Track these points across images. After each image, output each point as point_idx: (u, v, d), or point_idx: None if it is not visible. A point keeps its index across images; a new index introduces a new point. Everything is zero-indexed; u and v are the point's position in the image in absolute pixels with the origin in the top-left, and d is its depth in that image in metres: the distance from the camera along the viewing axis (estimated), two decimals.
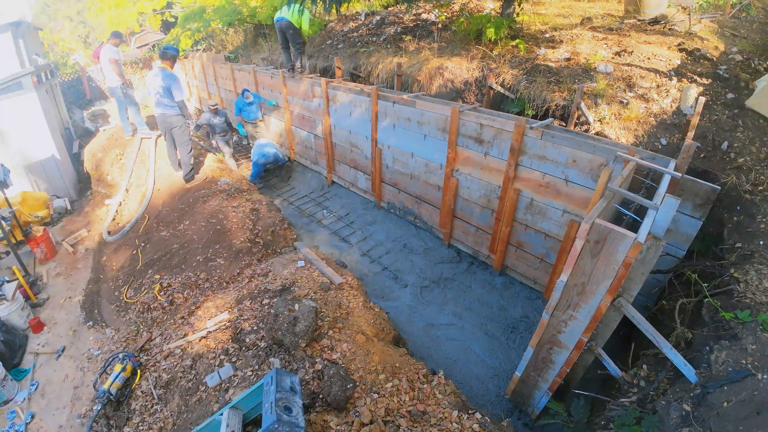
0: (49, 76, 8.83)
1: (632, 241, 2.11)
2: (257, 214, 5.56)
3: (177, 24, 13.45)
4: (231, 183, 6.59)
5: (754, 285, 2.78)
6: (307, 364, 2.94)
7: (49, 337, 4.67)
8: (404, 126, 5.31)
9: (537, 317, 2.90)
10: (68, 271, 5.88)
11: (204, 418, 2.65)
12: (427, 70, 6.68)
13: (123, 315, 4.65)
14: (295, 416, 2.18)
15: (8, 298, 4.68)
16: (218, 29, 13.50)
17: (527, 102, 5.46)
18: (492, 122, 4.23)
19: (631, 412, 2.51)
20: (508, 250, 4.71)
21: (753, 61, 5.59)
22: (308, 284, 3.90)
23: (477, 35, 6.86)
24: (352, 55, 8.46)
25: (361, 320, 3.61)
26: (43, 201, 7.36)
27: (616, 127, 4.73)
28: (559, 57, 5.93)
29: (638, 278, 2.58)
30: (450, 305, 4.59)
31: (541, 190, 4.09)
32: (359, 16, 10.42)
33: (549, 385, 3.04)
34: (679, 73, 5.25)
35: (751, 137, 4.33)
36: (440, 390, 2.96)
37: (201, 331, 3.55)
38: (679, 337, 2.77)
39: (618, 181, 2.77)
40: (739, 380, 2.19)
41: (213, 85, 10.91)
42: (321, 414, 2.56)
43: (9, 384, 3.92)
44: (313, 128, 7.24)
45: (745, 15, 7.44)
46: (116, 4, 13.81)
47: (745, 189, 3.73)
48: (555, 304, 2.61)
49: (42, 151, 7.76)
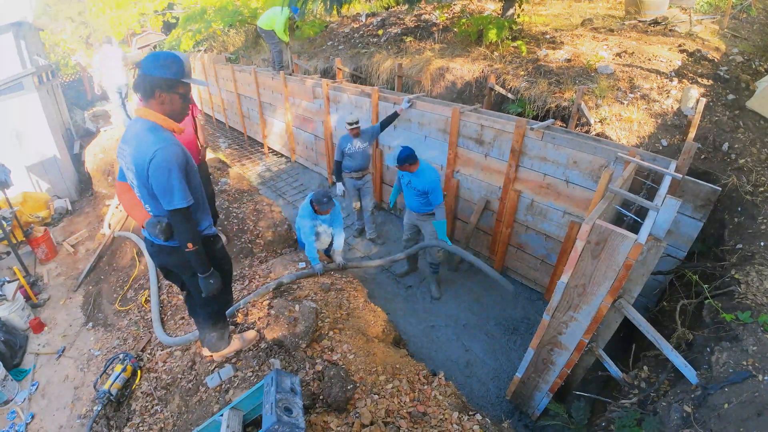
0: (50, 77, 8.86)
1: (633, 243, 2.10)
2: (258, 215, 5.56)
3: (178, 25, 13.46)
4: (232, 184, 6.60)
5: (755, 286, 2.78)
6: (307, 365, 2.94)
7: (49, 337, 4.67)
8: (405, 127, 5.31)
9: (537, 318, 2.90)
10: (69, 271, 5.88)
11: (204, 419, 2.64)
12: (430, 71, 6.69)
13: (124, 316, 4.65)
14: (295, 417, 2.18)
15: (9, 298, 4.68)
16: (219, 30, 13.51)
17: (528, 103, 5.46)
18: (493, 123, 4.23)
19: (632, 413, 2.51)
20: (509, 251, 4.71)
21: (754, 62, 5.60)
22: (309, 285, 3.90)
23: (478, 36, 6.86)
24: (353, 56, 8.47)
25: (362, 321, 3.61)
26: (44, 201, 7.38)
27: (617, 128, 4.73)
28: (559, 58, 5.93)
29: (639, 279, 2.57)
30: (451, 306, 4.59)
31: (542, 192, 4.09)
32: (360, 17, 10.43)
33: (549, 387, 3.03)
34: (679, 74, 5.25)
35: (751, 138, 4.33)
36: (441, 391, 2.96)
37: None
38: (680, 339, 2.77)
39: (619, 183, 2.77)
40: (740, 381, 2.19)
41: (214, 86, 10.92)
42: (321, 415, 2.56)
43: (9, 384, 3.93)
44: (313, 129, 7.25)
45: (745, 16, 7.45)
46: (117, 5, 13.83)
47: (746, 190, 3.73)
48: (555, 305, 2.61)
49: (43, 151, 7.78)
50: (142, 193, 2.11)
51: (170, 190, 1.98)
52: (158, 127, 2.05)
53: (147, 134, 2.00)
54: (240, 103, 9.58)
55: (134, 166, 2.01)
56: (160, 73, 1.99)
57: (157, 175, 1.96)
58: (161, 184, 1.98)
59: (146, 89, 2.02)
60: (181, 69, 2.05)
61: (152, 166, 1.95)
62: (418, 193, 4.04)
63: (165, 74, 2.00)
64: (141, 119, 2.05)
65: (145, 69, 1.99)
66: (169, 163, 1.96)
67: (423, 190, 3.96)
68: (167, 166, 1.96)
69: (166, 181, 1.97)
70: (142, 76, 2.00)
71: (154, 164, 1.95)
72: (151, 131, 2.01)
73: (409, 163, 3.88)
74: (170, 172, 1.97)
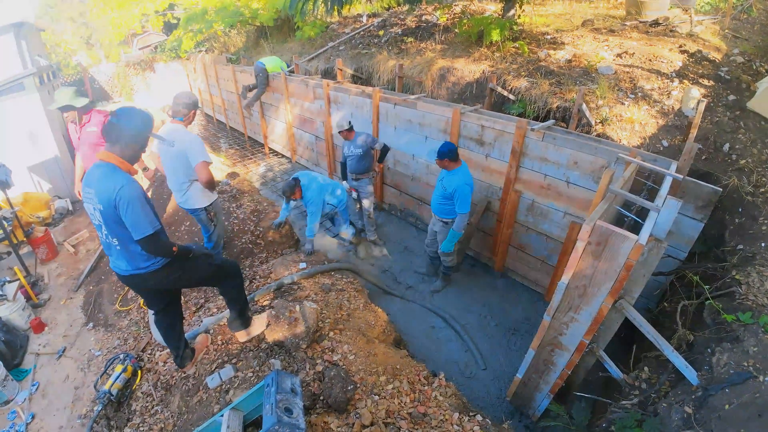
0: (51, 78, 8.86)
1: (634, 243, 2.10)
2: (259, 216, 5.56)
3: (179, 25, 13.48)
4: (232, 184, 6.60)
5: (756, 287, 2.78)
6: (307, 366, 2.94)
7: (50, 337, 4.67)
8: (406, 128, 5.31)
9: (538, 319, 2.89)
10: (69, 271, 5.89)
11: (204, 419, 2.64)
12: (431, 72, 6.69)
13: (124, 316, 4.65)
14: (295, 418, 2.18)
15: (9, 298, 4.69)
16: (220, 31, 13.53)
17: (529, 104, 5.46)
18: (493, 124, 4.23)
19: (633, 414, 2.50)
20: (510, 251, 4.71)
21: (754, 62, 5.59)
22: (309, 285, 3.90)
23: (479, 37, 6.86)
24: (353, 56, 8.48)
25: (362, 322, 3.60)
26: (44, 201, 7.38)
27: (618, 128, 4.73)
28: (560, 59, 5.93)
29: (640, 280, 2.57)
30: (451, 307, 4.59)
31: (543, 192, 4.08)
32: (361, 18, 10.45)
33: (550, 388, 3.03)
34: (680, 75, 5.25)
35: (752, 139, 4.32)
36: (441, 392, 2.95)
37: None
38: (681, 340, 2.76)
39: (619, 183, 2.77)
40: (741, 382, 2.18)
41: (215, 86, 10.93)
42: (322, 415, 2.56)
43: (10, 384, 3.93)
44: (314, 130, 7.25)
45: (746, 17, 7.45)
46: (119, 6, 13.86)
47: (747, 191, 3.73)
48: (556, 306, 2.61)
49: (44, 151, 7.78)
50: (110, 227, 2.33)
51: (138, 219, 2.23)
52: (118, 168, 2.29)
53: (109, 175, 2.24)
54: (241, 103, 9.60)
55: (101, 204, 2.24)
56: (133, 126, 2.31)
57: (125, 207, 2.20)
58: (129, 214, 2.22)
59: (116, 136, 2.28)
60: (150, 124, 2.39)
61: (119, 201, 2.20)
62: (444, 193, 3.88)
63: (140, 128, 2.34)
64: (103, 163, 2.29)
65: (119, 119, 2.27)
66: (134, 194, 2.23)
67: (450, 192, 3.79)
68: (133, 197, 2.22)
69: (134, 211, 2.22)
70: (113, 125, 2.26)
71: (120, 198, 2.19)
72: (112, 171, 2.26)
73: (449, 159, 3.69)
74: (137, 202, 2.22)
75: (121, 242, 2.37)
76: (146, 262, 2.45)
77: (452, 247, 4.03)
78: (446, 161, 3.72)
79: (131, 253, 2.40)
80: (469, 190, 3.72)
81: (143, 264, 2.45)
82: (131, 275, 2.50)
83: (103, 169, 2.27)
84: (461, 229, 3.87)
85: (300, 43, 10.41)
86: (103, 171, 2.26)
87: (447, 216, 4.01)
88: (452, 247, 4.05)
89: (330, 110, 6.51)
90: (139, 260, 2.44)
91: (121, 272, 2.51)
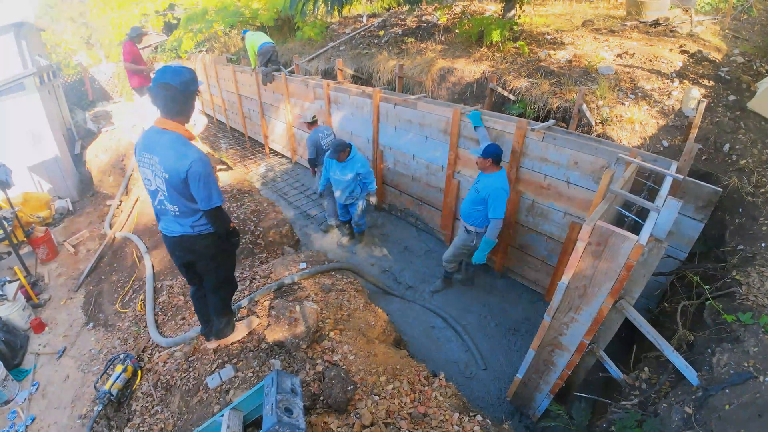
0: (51, 77, 8.88)
1: (634, 243, 2.10)
2: (259, 216, 5.56)
3: (179, 26, 13.48)
4: (232, 184, 6.60)
5: (756, 287, 2.78)
6: (307, 366, 2.94)
7: (50, 337, 4.68)
8: (406, 128, 5.31)
9: (538, 319, 2.89)
10: (70, 271, 5.89)
11: (205, 420, 2.64)
12: (431, 72, 6.69)
13: (124, 316, 4.66)
14: (295, 418, 2.18)
15: (10, 298, 4.69)
16: (220, 31, 13.53)
17: (529, 104, 5.46)
18: (494, 124, 4.23)
19: (633, 414, 2.50)
20: (510, 252, 4.71)
21: (755, 63, 5.59)
22: (310, 286, 3.90)
23: (479, 37, 6.87)
24: (354, 57, 8.48)
25: (362, 322, 3.60)
26: (45, 201, 7.39)
27: (618, 128, 4.73)
28: (560, 59, 5.93)
29: (640, 280, 2.57)
30: (451, 307, 4.59)
31: (543, 192, 4.08)
32: (361, 18, 10.45)
33: (550, 388, 3.03)
34: (680, 75, 5.25)
35: (752, 139, 4.32)
36: (441, 392, 2.95)
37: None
38: (681, 340, 2.76)
39: (620, 183, 2.77)
40: (741, 383, 2.19)
41: (215, 86, 10.93)
42: (322, 416, 2.56)
43: (10, 384, 3.93)
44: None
45: (746, 17, 7.45)
46: (119, 6, 13.87)
47: (747, 191, 3.73)
48: (556, 306, 2.61)
49: (44, 151, 7.79)
50: (172, 196, 2.37)
51: (209, 193, 2.32)
52: (185, 139, 2.31)
53: (179, 146, 2.26)
54: (241, 103, 9.60)
55: (168, 173, 2.26)
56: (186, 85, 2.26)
57: (197, 181, 2.26)
58: (201, 188, 2.29)
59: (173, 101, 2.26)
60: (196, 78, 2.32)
61: (191, 175, 2.24)
62: (476, 197, 3.70)
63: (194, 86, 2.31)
64: (165, 131, 2.28)
65: (170, 80, 2.19)
66: (207, 170, 2.28)
67: (483, 196, 3.61)
68: (206, 173, 2.28)
69: (206, 186, 2.29)
70: (165, 87, 2.19)
71: (194, 173, 2.24)
72: (181, 143, 2.28)
73: (492, 160, 3.54)
74: (209, 177, 2.29)
75: (181, 209, 2.42)
76: (199, 226, 2.52)
77: (485, 258, 3.80)
78: (489, 162, 3.56)
79: (187, 219, 2.48)
80: (504, 195, 3.55)
81: (198, 224, 2.51)
82: (181, 236, 2.55)
83: (171, 138, 2.27)
84: (495, 237, 3.65)
85: (300, 44, 10.40)
86: (171, 140, 2.27)
87: (473, 224, 3.84)
88: (485, 258, 3.82)
89: (330, 110, 6.51)
90: (193, 223, 2.51)
91: (172, 233, 2.56)
